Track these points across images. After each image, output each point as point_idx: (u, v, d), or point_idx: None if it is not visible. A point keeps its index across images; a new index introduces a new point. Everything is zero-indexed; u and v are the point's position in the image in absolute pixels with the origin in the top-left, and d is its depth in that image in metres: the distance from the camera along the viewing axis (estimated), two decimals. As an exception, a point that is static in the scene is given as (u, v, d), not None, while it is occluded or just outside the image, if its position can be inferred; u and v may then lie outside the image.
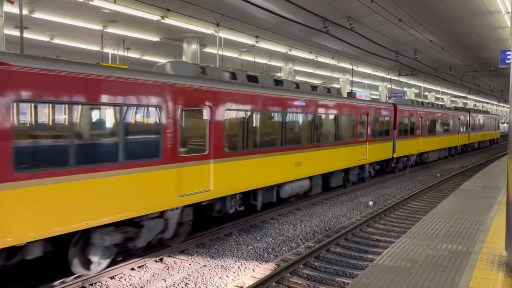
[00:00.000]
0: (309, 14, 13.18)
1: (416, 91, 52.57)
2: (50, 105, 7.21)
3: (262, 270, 8.87)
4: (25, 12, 15.14)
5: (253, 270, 8.93)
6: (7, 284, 7.91)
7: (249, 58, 26.90)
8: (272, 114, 12.99)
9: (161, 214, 9.28)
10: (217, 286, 8.10)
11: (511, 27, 16.10)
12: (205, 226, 11.61)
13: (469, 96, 61.42)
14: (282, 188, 13.60)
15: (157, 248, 9.86)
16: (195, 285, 8.18)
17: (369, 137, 19.23)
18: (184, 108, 9.56)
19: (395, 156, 22.57)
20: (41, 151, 7.14)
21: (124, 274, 8.68)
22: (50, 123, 7.41)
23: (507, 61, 12.96)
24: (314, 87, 15.61)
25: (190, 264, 9.28)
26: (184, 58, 20.74)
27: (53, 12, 15.84)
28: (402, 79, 38.32)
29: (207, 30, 18.21)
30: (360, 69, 33.60)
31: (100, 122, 8.26)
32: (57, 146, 7.32)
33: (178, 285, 8.16)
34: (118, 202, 8.14)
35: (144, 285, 8.14)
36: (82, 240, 8.07)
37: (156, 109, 8.92)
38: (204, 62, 24.32)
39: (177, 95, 9.36)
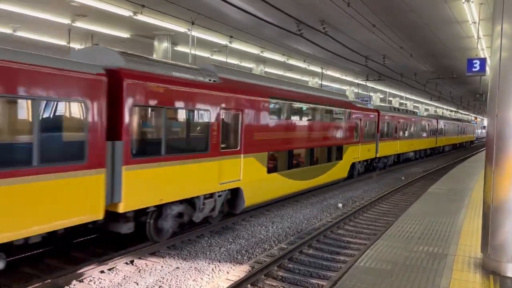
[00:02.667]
0: (284, 16, 13.21)
1: (381, 96, 53.87)
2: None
3: (237, 272, 8.77)
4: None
5: (228, 272, 8.82)
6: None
7: (220, 58, 26.74)
8: (408, 125, 31.17)
9: None
10: (192, 289, 7.95)
11: (478, 37, 16.78)
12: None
13: (429, 102, 63.51)
14: (405, 154, 31.79)
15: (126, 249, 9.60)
16: (169, 288, 7.99)
17: (439, 135, 41.91)
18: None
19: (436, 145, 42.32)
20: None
21: (93, 277, 8.37)
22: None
23: (473, 69, 13.47)
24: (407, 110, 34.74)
25: (162, 267, 9.06)
26: (154, 56, 20.35)
27: (19, 4, 15.15)
28: (369, 84, 39.19)
29: (181, 28, 17.94)
30: (330, 73, 34.08)
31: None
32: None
33: (152, 288, 7.95)
34: None
35: (116, 289, 7.88)
36: None
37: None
38: (175, 61, 23.91)
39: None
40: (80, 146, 7.80)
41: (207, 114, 10.91)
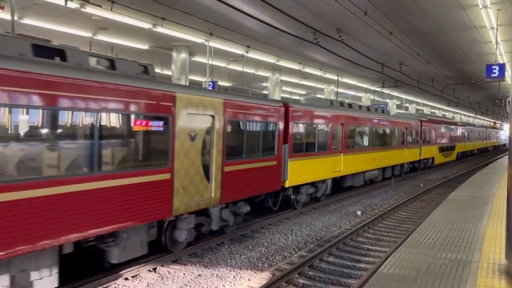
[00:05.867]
0: (300, 25, 13.35)
1: (398, 102, 53.51)
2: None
3: (258, 279, 8.84)
4: (14, 18, 14.94)
5: (249, 280, 8.89)
6: None
7: (237, 67, 27.01)
8: (476, 133, 51.35)
9: None
10: (215, 296, 8.04)
11: (496, 42, 16.65)
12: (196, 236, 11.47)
13: (447, 108, 62.75)
14: (473, 151, 51.40)
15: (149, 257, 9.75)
16: (193, 295, 8.09)
17: (487, 139, 61.05)
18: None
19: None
20: None
21: (118, 284, 8.53)
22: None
23: (492, 75, 13.38)
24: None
25: (184, 274, 9.18)
26: (173, 67, 20.70)
27: (43, 18, 15.64)
28: (385, 90, 39.04)
29: (198, 39, 18.23)
30: (345, 80, 34.06)
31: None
32: None
33: (176, 295, 8.06)
34: None
35: (141, 295, 8.02)
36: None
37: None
38: (193, 71, 24.28)
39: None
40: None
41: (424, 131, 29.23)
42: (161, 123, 8.84)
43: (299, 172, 14.46)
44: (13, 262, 6.52)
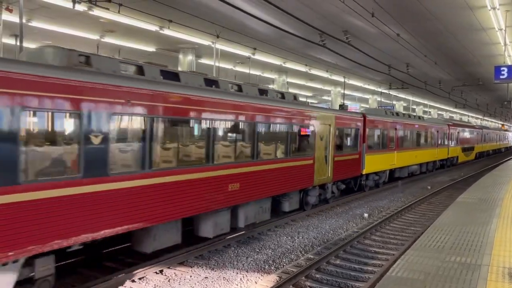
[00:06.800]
0: (307, 27, 13.32)
1: (405, 104, 53.27)
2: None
3: (265, 282, 8.80)
4: (23, 20, 15.04)
5: (256, 282, 8.85)
6: None
7: (243, 69, 27.03)
8: (494, 135, 59.86)
9: None
10: (222, 299, 8.01)
11: (504, 43, 16.53)
12: (202, 238, 11.45)
13: (454, 109, 62.42)
14: (495, 150, 61.93)
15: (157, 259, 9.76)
16: (199, 297, 8.08)
17: (501, 141, 68.13)
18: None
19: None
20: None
21: (125, 286, 8.54)
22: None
23: (501, 77, 13.27)
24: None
25: (191, 276, 9.16)
26: (179, 69, 20.74)
27: (51, 21, 15.74)
28: (392, 92, 38.88)
29: (205, 41, 18.27)
30: (352, 82, 33.97)
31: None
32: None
33: (182, 297, 8.04)
34: None
35: (147, 298, 8.01)
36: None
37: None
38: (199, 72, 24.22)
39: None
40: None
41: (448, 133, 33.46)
42: (310, 130, 14.58)
43: (371, 164, 19.88)
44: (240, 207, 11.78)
